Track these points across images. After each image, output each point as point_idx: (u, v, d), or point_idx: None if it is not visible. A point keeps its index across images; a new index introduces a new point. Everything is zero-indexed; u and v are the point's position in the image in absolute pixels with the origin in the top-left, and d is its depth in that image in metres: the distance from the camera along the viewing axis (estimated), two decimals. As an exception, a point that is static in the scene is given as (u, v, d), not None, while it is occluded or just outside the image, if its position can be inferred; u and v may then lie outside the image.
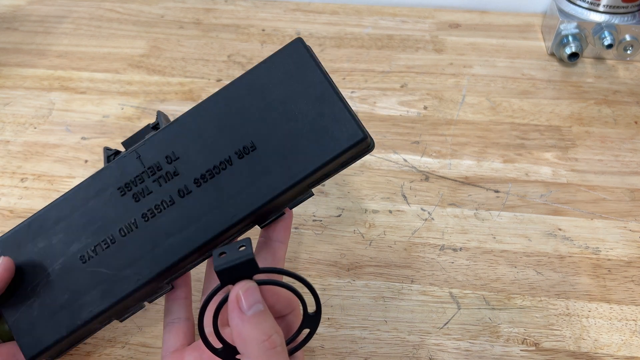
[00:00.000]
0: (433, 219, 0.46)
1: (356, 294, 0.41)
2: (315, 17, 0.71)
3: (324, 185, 0.48)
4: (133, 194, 0.30)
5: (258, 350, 0.25)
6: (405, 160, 0.51)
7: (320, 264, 0.43)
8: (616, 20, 0.60)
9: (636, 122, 0.55)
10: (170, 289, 0.32)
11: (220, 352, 0.29)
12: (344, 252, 0.44)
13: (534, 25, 0.69)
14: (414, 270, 0.42)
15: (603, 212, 0.47)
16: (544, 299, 0.40)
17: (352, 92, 0.59)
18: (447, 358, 0.37)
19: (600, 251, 0.44)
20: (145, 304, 0.32)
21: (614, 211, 0.47)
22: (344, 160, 0.30)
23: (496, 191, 0.48)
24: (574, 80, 0.61)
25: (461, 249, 0.44)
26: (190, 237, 0.30)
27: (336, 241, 0.45)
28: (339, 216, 0.46)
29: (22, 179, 0.50)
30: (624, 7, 0.60)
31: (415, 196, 0.48)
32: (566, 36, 0.61)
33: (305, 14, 0.71)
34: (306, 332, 0.31)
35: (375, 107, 0.57)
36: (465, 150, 0.52)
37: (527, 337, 0.38)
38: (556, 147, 0.52)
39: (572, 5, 0.62)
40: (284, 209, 0.31)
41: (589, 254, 0.43)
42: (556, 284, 0.41)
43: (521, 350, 0.38)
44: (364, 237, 0.45)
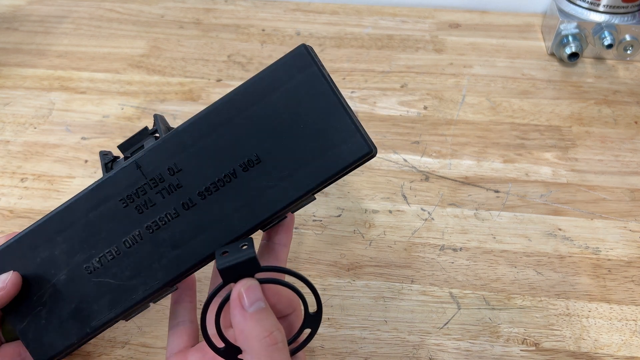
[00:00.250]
0: (433, 219, 0.46)
1: (356, 294, 0.41)
2: (315, 17, 0.71)
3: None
4: (136, 206, 0.29)
5: (260, 346, 0.26)
6: (405, 160, 0.51)
7: (320, 264, 0.43)
8: (616, 20, 0.60)
9: (636, 122, 0.55)
10: (175, 290, 0.32)
11: (223, 351, 0.29)
12: (344, 252, 0.44)
13: (534, 25, 0.69)
14: (414, 270, 0.42)
15: (603, 212, 0.47)
16: (544, 299, 0.40)
17: (352, 92, 0.59)
18: (447, 358, 0.37)
19: (600, 251, 0.44)
20: (150, 304, 0.32)
21: (614, 211, 0.47)
22: (349, 169, 0.30)
23: (496, 191, 0.48)
24: (574, 80, 0.61)
25: (461, 249, 0.44)
26: (197, 249, 0.30)
27: (336, 241, 0.45)
28: (339, 216, 0.46)
29: (22, 179, 0.50)
30: (624, 7, 0.60)
31: (415, 196, 0.48)
32: (566, 36, 0.61)
33: (305, 14, 0.71)
34: (307, 332, 0.31)
35: (375, 107, 0.57)
36: (465, 150, 0.52)
37: (527, 337, 0.38)
38: (556, 147, 0.52)
39: (572, 5, 0.62)
40: (286, 213, 0.32)
41: (589, 254, 0.43)
42: (556, 284, 0.41)
43: (521, 350, 0.38)
44: (364, 237, 0.45)
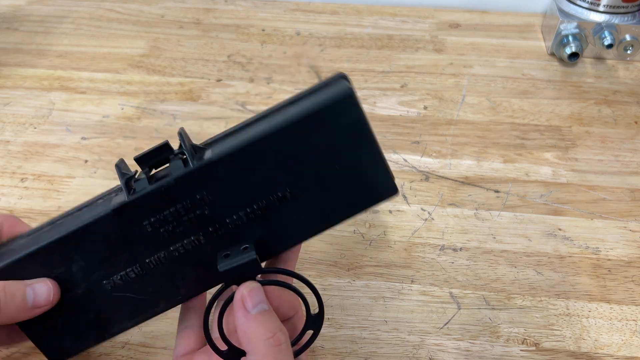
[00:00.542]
0: (433, 219, 0.46)
1: (356, 294, 0.41)
2: (315, 17, 0.71)
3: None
4: (162, 230, 0.29)
5: (263, 347, 0.26)
6: (405, 160, 0.51)
7: (320, 264, 0.43)
8: (616, 20, 0.60)
9: (636, 122, 0.55)
10: None
11: (226, 354, 0.29)
12: (344, 252, 0.44)
13: (534, 25, 0.69)
14: (414, 270, 0.42)
15: (603, 212, 0.47)
16: (544, 299, 0.40)
17: (352, 92, 0.59)
18: (447, 358, 0.37)
19: (600, 251, 0.44)
20: None
21: (614, 211, 0.47)
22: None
23: (496, 191, 0.48)
24: (574, 80, 0.61)
25: (461, 249, 0.44)
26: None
27: (336, 241, 0.45)
28: (339, 216, 0.46)
29: (22, 179, 0.50)
30: (624, 7, 0.60)
31: (415, 196, 0.48)
32: (566, 36, 0.61)
33: (305, 14, 0.71)
34: (310, 334, 0.31)
35: (375, 107, 0.57)
36: (465, 150, 0.52)
37: (527, 337, 0.38)
38: (556, 147, 0.52)
39: (572, 5, 0.62)
40: None
41: (589, 254, 0.43)
42: (556, 284, 0.41)
43: (521, 350, 0.38)
44: (364, 237, 0.45)
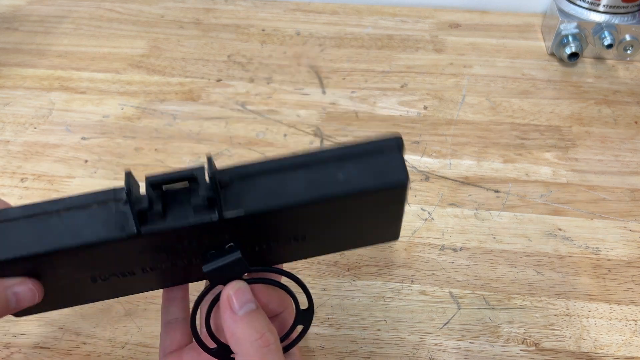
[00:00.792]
0: (433, 219, 0.46)
1: (356, 294, 0.41)
2: (315, 17, 0.71)
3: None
4: (167, 251, 0.27)
5: (251, 348, 0.25)
6: (405, 160, 0.51)
7: (320, 264, 0.43)
8: (616, 20, 0.60)
9: (636, 122, 0.55)
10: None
11: (215, 351, 0.29)
12: (343, 252, 0.44)
13: (534, 25, 0.69)
14: (414, 270, 0.42)
15: (603, 212, 0.47)
16: (544, 299, 0.40)
17: (352, 92, 0.59)
18: (447, 358, 0.37)
19: (600, 251, 0.44)
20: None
21: (614, 211, 0.47)
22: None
23: (496, 191, 0.48)
24: (574, 80, 0.61)
25: (461, 249, 0.44)
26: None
27: (336, 241, 0.45)
28: (339, 216, 0.46)
29: (22, 179, 0.50)
30: (624, 7, 0.60)
31: (415, 196, 0.48)
32: (566, 36, 0.61)
33: (305, 14, 0.71)
34: (300, 329, 0.31)
35: (375, 107, 0.57)
36: (465, 150, 0.52)
37: (527, 337, 0.38)
38: (556, 147, 0.52)
39: (572, 5, 0.62)
40: None
41: (589, 254, 0.43)
42: (556, 284, 0.41)
43: (521, 350, 0.38)
44: (364, 237, 0.45)
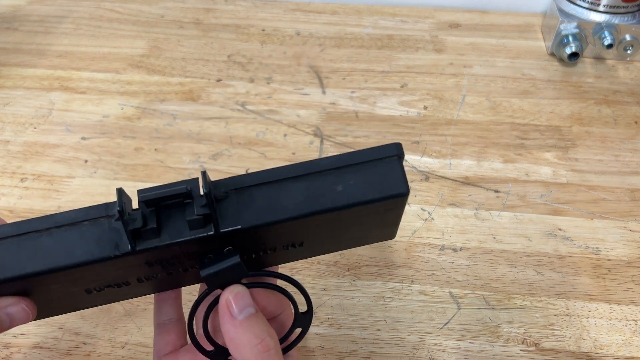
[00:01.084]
0: (433, 219, 0.46)
1: (356, 294, 0.41)
2: (315, 17, 0.71)
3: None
4: (162, 264, 0.27)
5: (251, 354, 0.25)
6: (405, 160, 0.51)
7: (320, 264, 0.43)
8: (616, 20, 0.60)
9: (636, 122, 0.55)
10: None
11: (212, 354, 0.29)
12: (343, 252, 0.44)
13: (534, 25, 0.69)
14: (414, 270, 0.42)
15: (603, 212, 0.46)
16: (544, 299, 0.40)
17: (352, 92, 0.59)
18: (447, 358, 0.37)
19: (601, 251, 0.44)
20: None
21: (614, 211, 0.47)
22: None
23: (496, 191, 0.48)
24: (574, 80, 0.60)
25: (461, 249, 0.44)
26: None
27: (336, 241, 0.45)
28: (339, 216, 0.46)
29: (22, 179, 0.50)
30: (624, 7, 0.60)
31: (415, 196, 0.48)
32: (566, 36, 0.61)
33: (305, 14, 0.71)
34: (299, 332, 0.31)
35: (375, 107, 0.57)
36: (465, 150, 0.52)
37: (527, 337, 0.38)
38: (556, 147, 0.52)
39: (572, 5, 0.62)
40: None
41: (589, 254, 0.43)
42: (556, 284, 0.41)
43: (521, 350, 0.38)
44: (364, 237, 0.45)
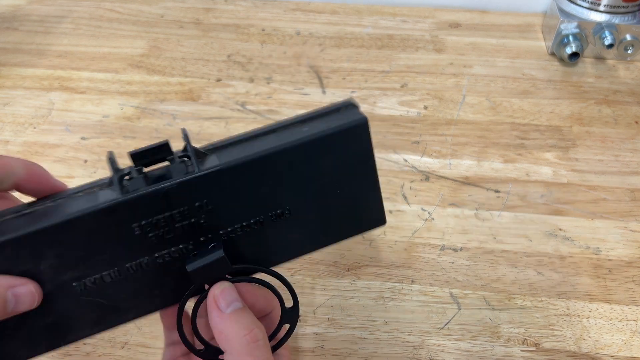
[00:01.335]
0: (433, 219, 0.46)
1: (356, 294, 0.41)
2: (315, 17, 0.71)
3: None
4: (151, 235, 0.27)
5: (240, 344, 0.25)
6: (406, 160, 0.51)
7: (320, 264, 0.43)
8: (617, 20, 0.60)
9: (636, 122, 0.55)
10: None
11: (203, 353, 0.29)
12: (344, 252, 0.44)
13: (534, 25, 0.69)
14: (414, 270, 0.42)
15: (603, 212, 0.46)
16: (545, 299, 0.40)
17: (352, 92, 0.59)
18: (447, 358, 0.37)
19: (601, 251, 0.44)
20: None
21: (614, 211, 0.46)
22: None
23: (496, 191, 0.48)
24: (574, 80, 0.60)
25: (461, 249, 0.44)
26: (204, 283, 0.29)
27: (336, 241, 0.45)
28: (339, 216, 0.46)
29: (21, 179, 0.50)
30: (624, 6, 0.60)
31: (416, 196, 0.48)
32: (566, 36, 0.61)
33: (305, 14, 0.71)
34: (287, 328, 0.31)
35: (375, 107, 0.57)
36: (465, 150, 0.52)
37: (527, 338, 0.38)
38: (556, 147, 0.52)
39: (572, 5, 0.62)
40: None
41: (590, 254, 0.43)
42: (557, 284, 0.41)
43: (522, 351, 0.38)
44: (363, 237, 0.45)
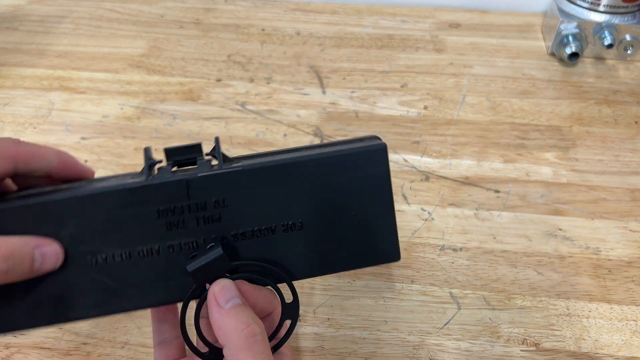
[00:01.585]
0: (433, 219, 0.46)
1: (356, 294, 0.41)
2: (315, 17, 0.71)
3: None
4: (167, 222, 0.29)
5: (238, 338, 0.26)
6: (406, 160, 0.51)
7: (320, 264, 0.43)
8: (616, 20, 0.60)
9: (636, 122, 0.55)
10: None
11: (207, 355, 0.29)
12: (344, 252, 0.44)
13: (534, 25, 0.69)
14: (414, 270, 0.42)
15: (603, 212, 0.46)
16: (545, 299, 0.40)
17: (352, 92, 0.59)
18: (447, 358, 0.37)
19: (601, 251, 0.44)
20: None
21: (614, 211, 0.47)
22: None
23: (496, 191, 0.48)
24: (574, 80, 0.60)
25: (461, 249, 0.44)
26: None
27: (336, 241, 0.45)
28: (339, 216, 0.46)
29: (21, 179, 0.50)
30: (624, 7, 0.60)
31: (416, 196, 0.48)
32: (566, 36, 0.61)
33: (305, 14, 0.71)
34: (288, 324, 0.31)
35: (375, 107, 0.57)
36: (465, 150, 0.52)
37: (527, 338, 0.38)
38: (556, 147, 0.52)
39: (572, 5, 0.62)
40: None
41: (590, 254, 0.43)
42: (556, 284, 0.41)
43: (521, 351, 0.38)
44: (364, 237, 0.45)
